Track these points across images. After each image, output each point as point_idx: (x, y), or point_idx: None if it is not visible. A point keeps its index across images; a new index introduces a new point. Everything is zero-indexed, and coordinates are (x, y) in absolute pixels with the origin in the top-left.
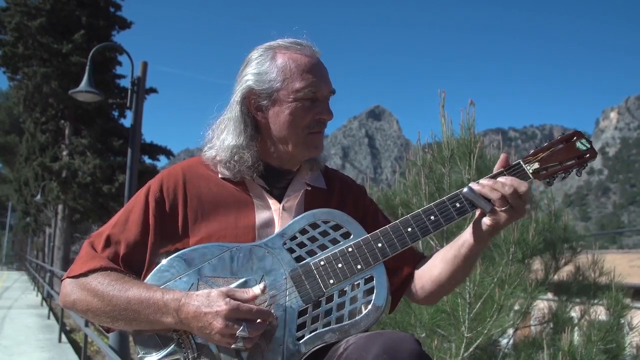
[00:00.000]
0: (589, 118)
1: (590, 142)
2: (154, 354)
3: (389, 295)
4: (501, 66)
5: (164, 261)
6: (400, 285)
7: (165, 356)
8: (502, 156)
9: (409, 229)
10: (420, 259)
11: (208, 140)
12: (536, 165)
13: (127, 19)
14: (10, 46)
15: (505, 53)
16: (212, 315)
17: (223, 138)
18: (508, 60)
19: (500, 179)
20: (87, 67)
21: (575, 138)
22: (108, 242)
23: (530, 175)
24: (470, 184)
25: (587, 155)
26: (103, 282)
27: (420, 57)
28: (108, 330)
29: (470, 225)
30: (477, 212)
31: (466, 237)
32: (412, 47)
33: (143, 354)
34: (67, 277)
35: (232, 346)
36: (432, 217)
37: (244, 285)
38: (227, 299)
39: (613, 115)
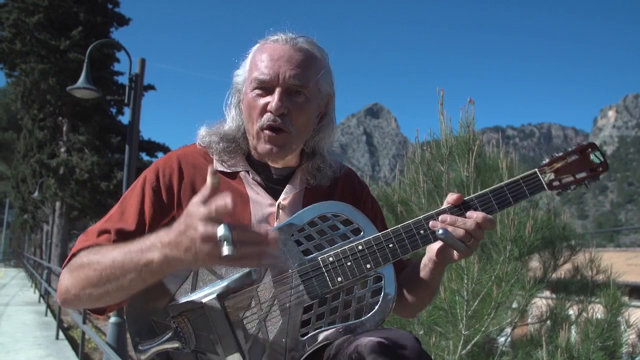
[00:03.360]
0: (587, 116)
1: (603, 155)
2: (149, 340)
3: (396, 296)
4: (499, 64)
5: None
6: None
7: (162, 343)
8: (456, 197)
9: (422, 232)
10: (404, 267)
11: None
12: (552, 176)
13: (125, 15)
14: (8, 42)
15: (504, 51)
16: (190, 222)
17: (219, 125)
18: (506, 58)
19: (470, 214)
20: (85, 64)
21: (589, 150)
22: (103, 232)
23: (545, 187)
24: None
25: (600, 168)
26: (88, 253)
27: (419, 55)
28: (103, 312)
29: (427, 255)
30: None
31: (425, 262)
32: (410, 44)
33: (138, 339)
34: (62, 269)
35: (223, 254)
36: None
37: (248, 276)
38: (206, 204)
39: (611, 113)
